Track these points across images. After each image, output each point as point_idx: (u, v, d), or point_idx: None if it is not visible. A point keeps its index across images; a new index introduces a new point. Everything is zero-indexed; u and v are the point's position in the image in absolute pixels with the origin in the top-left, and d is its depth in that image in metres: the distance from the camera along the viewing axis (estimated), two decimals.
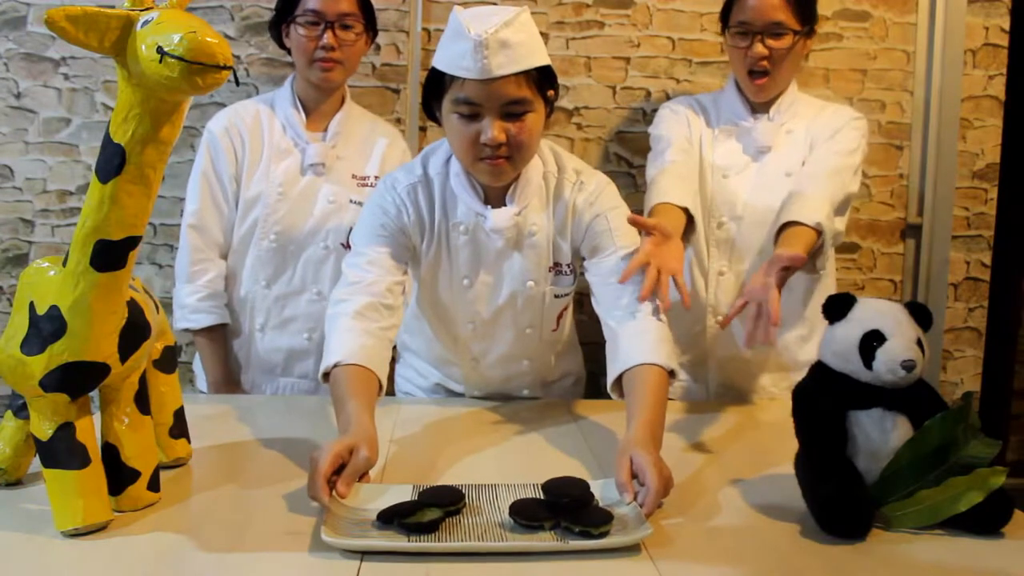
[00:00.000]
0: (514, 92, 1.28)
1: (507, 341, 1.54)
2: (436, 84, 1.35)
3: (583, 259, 1.48)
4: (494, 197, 1.43)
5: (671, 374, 1.28)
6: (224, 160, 1.78)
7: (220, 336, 1.81)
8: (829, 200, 1.54)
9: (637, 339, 1.30)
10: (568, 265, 1.49)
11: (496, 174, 1.36)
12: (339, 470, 1.06)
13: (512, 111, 1.30)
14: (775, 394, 1.75)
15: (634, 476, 1.06)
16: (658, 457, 1.08)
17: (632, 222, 1.38)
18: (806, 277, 1.68)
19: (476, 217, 1.43)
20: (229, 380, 1.82)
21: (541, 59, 1.32)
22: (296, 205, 1.78)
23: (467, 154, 1.35)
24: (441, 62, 1.32)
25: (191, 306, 1.77)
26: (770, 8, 1.62)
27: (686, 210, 1.59)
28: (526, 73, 1.29)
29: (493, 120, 1.29)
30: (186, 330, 1.78)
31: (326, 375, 1.29)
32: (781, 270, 1.38)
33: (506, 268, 1.46)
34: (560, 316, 1.55)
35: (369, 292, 1.36)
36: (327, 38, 1.71)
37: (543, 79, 1.33)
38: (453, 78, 1.30)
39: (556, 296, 1.50)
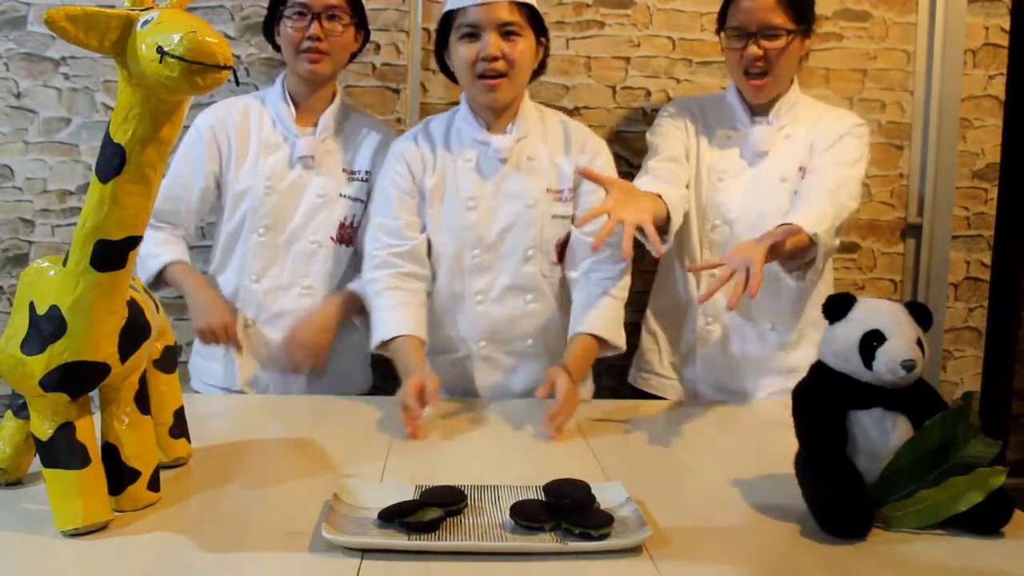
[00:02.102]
0: (507, 15, 1.55)
1: (511, 270, 1.64)
2: (445, 27, 1.62)
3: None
4: (496, 128, 1.65)
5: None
6: (203, 156, 1.77)
7: (191, 269, 1.77)
8: (832, 217, 1.51)
9: (600, 312, 1.58)
10: (568, 190, 1.65)
11: (494, 91, 1.58)
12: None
13: (507, 31, 1.56)
14: (763, 397, 1.72)
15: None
16: (573, 379, 1.46)
17: (583, 174, 1.45)
18: (797, 282, 1.66)
19: (480, 146, 1.64)
20: (219, 304, 1.74)
21: None
22: (285, 199, 1.77)
23: (469, 72, 1.59)
24: (449, 3, 1.60)
25: (151, 253, 1.73)
26: (763, 10, 1.61)
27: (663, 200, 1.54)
28: (518, 4, 1.56)
29: (490, 35, 1.55)
30: (156, 280, 1.74)
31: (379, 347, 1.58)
32: (771, 246, 1.35)
33: (507, 188, 1.64)
34: (559, 248, 1.66)
35: (388, 264, 1.61)
36: (313, 28, 1.71)
37: (534, 19, 1.59)
38: (458, 11, 1.58)
39: (554, 216, 1.64)
